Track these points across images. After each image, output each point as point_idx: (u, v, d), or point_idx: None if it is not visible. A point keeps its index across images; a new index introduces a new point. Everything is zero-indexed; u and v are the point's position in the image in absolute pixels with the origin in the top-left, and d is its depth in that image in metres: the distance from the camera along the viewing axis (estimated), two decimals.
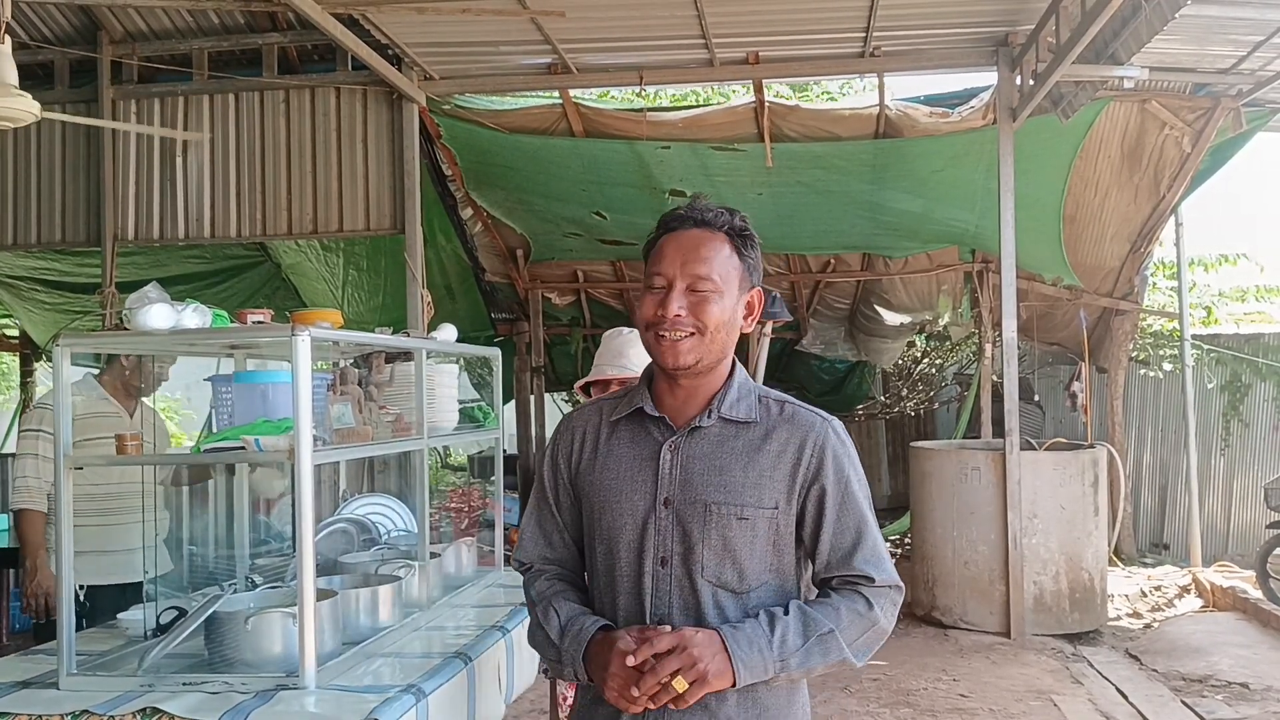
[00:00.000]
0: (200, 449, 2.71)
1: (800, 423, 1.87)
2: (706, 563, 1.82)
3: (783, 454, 1.84)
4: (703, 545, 1.82)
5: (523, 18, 6.38)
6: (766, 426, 1.87)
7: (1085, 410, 9.72)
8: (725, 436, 1.86)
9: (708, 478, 1.83)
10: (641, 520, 1.86)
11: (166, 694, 2.60)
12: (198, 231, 7.33)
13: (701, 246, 1.84)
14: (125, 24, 7.22)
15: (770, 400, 1.91)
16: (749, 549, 1.82)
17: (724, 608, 1.82)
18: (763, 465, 1.84)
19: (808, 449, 1.85)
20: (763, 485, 1.83)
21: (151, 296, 2.70)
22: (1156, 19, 5.21)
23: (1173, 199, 8.73)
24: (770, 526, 1.83)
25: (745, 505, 1.82)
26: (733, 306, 1.86)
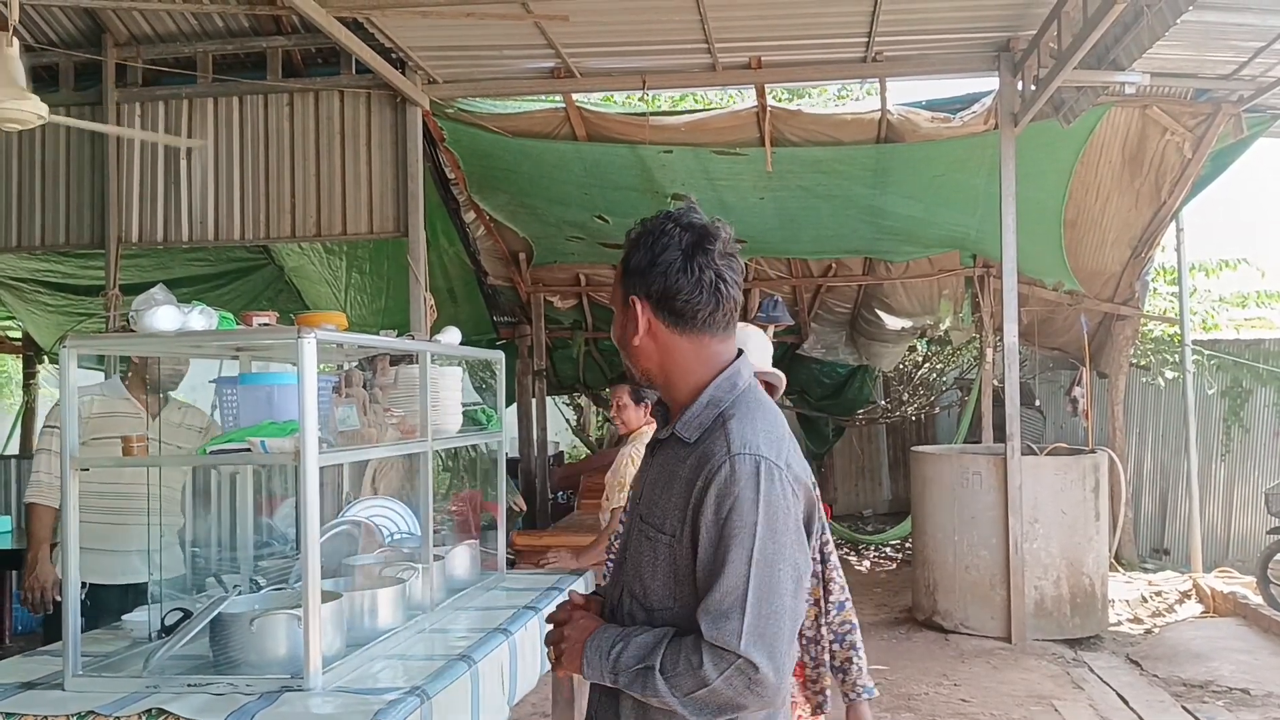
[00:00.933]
0: (205, 451, 2.72)
1: (709, 449, 1.73)
2: (627, 571, 1.86)
3: (690, 480, 1.74)
4: (626, 554, 1.88)
5: (526, 22, 6.41)
6: (694, 448, 1.77)
7: (1086, 415, 9.71)
8: (671, 455, 1.82)
9: (648, 491, 1.85)
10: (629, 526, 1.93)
11: (171, 695, 2.61)
12: (201, 234, 7.35)
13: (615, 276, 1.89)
14: (130, 27, 7.24)
15: (721, 418, 1.77)
16: (651, 571, 1.79)
17: (636, 618, 1.82)
18: (674, 489, 1.78)
19: (701, 478, 1.71)
20: (667, 510, 1.77)
21: (158, 299, 2.71)
22: (1158, 25, 5.23)
23: (1174, 204, 8.75)
24: (668, 554, 1.76)
25: (649, 527, 1.81)
26: (620, 324, 1.86)
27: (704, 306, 1.79)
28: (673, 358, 1.82)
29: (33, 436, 12.11)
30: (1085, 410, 9.73)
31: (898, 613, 8.19)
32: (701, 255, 1.78)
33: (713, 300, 1.79)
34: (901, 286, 10.69)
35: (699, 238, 1.78)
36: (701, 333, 1.81)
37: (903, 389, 13.84)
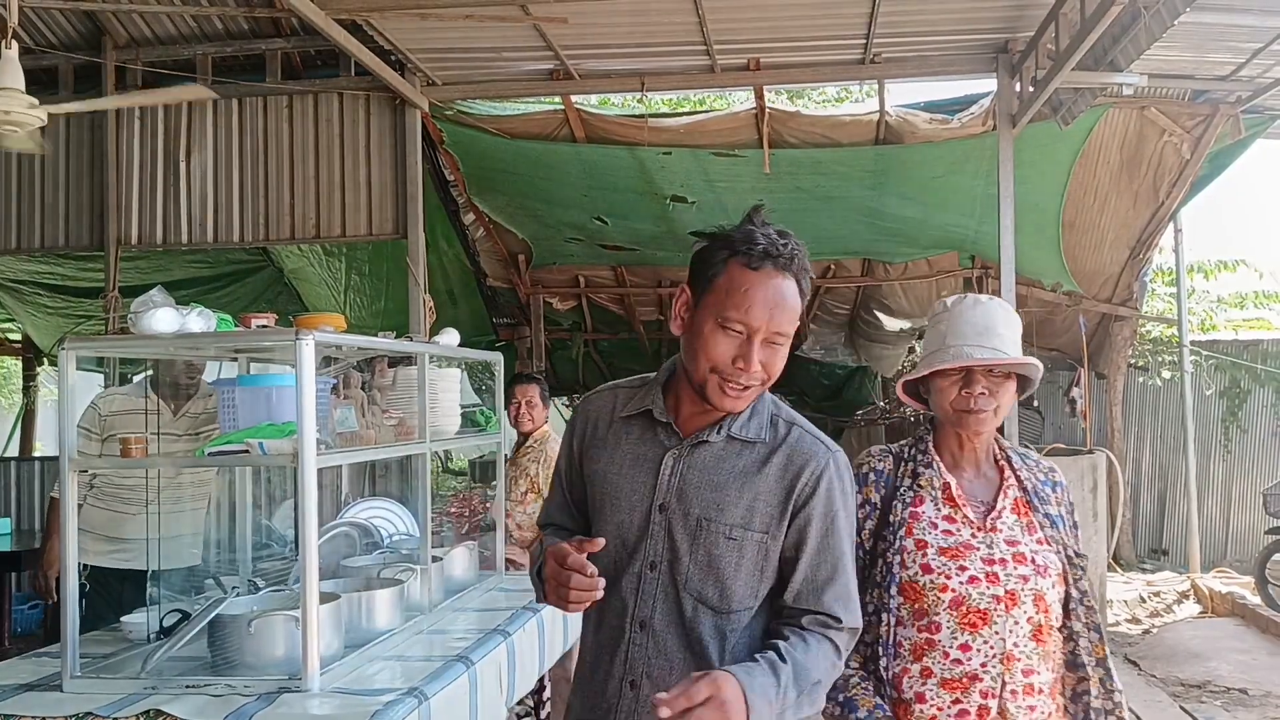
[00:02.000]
0: (204, 452, 2.73)
1: (803, 450, 1.86)
2: (691, 576, 1.82)
3: (781, 479, 1.83)
4: (689, 559, 1.82)
5: (525, 24, 6.41)
6: (770, 448, 1.85)
7: (1084, 416, 9.73)
8: (728, 454, 1.85)
9: (703, 492, 1.83)
10: (638, 521, 1.86)
11: (170, 696, 2.62)
12: (201, 236, 7.35)
13: (787, 298, 1.79)
14: (129, 29, 7.25)
15: (780, 421, 1.89)
16: (734, 571, 1.81)
17: (701, 624, 1.81)
18: (759, 488, 1.83)
19: (804, 477, 1.83)
20: (755, 508, 1.82)
21: (156, 300, 2.72)
22: (1155, 26, 5.23)
23: (1172, 205, 8.77)
24: (759, 551, 1.82)
25: (734, 526, 1.81)
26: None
27: None
28: None
29: (33, 439, 12.13)
30: (1083, 411, 9.75)
31: None
32: None
33: None
34: (900, 288, 10.70)
35: None
36: None
37: None
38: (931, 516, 2.15)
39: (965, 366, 2.12)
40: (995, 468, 2.24)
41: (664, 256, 10.55)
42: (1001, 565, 2.09)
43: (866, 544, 2.17)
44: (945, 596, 2.07)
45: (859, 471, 2.22)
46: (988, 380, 2.12)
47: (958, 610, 2.07)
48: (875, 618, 2.12)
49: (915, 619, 2.10)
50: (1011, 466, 2.24)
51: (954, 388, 2.13)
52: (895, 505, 2.17)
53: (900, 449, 2.29)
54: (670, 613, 1.83)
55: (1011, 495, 2.19)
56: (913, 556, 2.11)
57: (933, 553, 2.10)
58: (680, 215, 8.80)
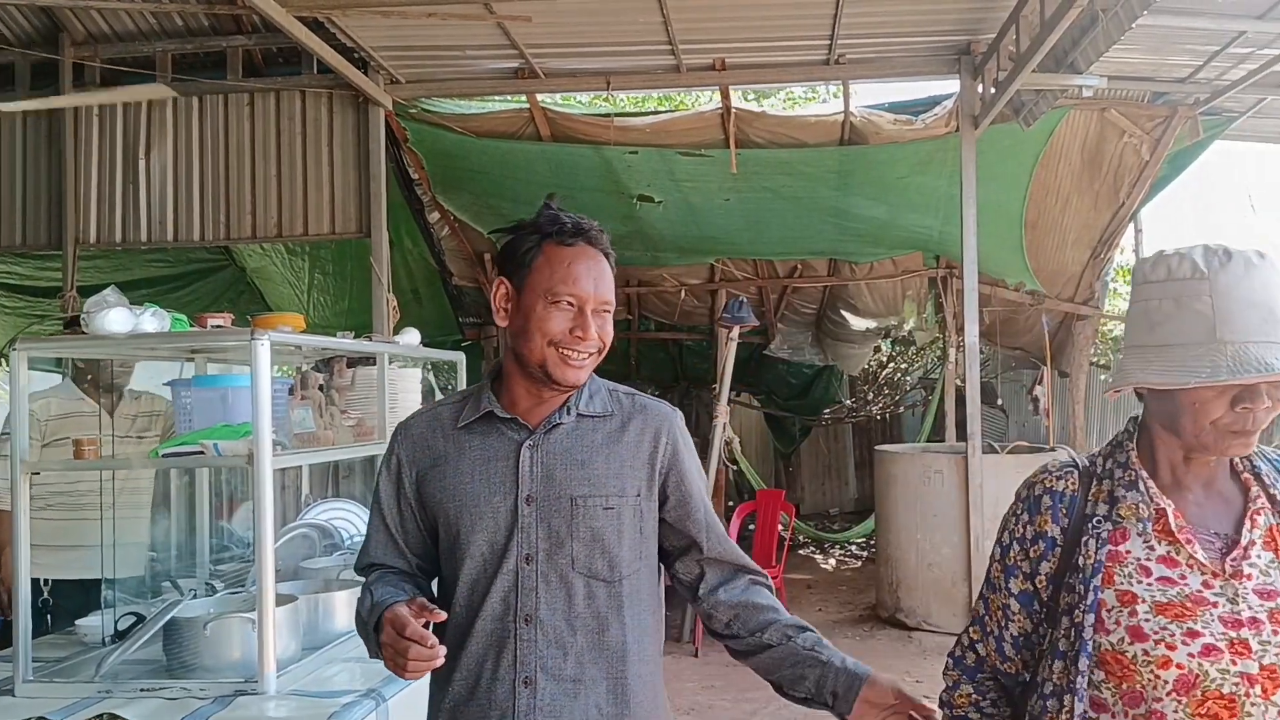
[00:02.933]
0: (158, 454, 2.70)
1: (654, 414, 1.96)
2: (577, 555, 1.83)
3: (640, 443, 1.91)
4: (571, 539, 1.83)
5: (489, 22, 6.39)
6: (622, 418, 1.93)
7: (1048, 414, 9.83)
8: (583, 431, 1.90)
9: (570, 472, 1.86)
10: (504, 520, 1.84)
11: (124, 700, 2.59)
12: (160, 235, 7.27)
13: (605, 271, 1.91)
14: (88, 25, 7.15)
15: (620, 393, 1.99)
16: (618, 538, 1.86)
17: (595, 598, 1.84)
18: (623, 455, 1.90)
19: (663, 438, 1.93)
20: (624, 474, 1.88)
21: (110, 300, 2.69)
22: (1114, 29, 5.29)
23: (1132, 205, 8.87)
24: (635, 514, 1.88)
25: (610, 495, 1.86)
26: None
27: None
28: None
29: None
30: (1047, 409, 9.85)
31: (862, 610, 8.24)
32: None
33: None
34: (866, 287, 10.76)
35: None
36: None
37: (868, 389, 13.94)
38: (1141, 558, 1.55)
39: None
40: (1236, 481, 1.62)
41: (631, 256, 10.54)
42: (1253, 628, 1.47)
43: (1044, 593, 1.64)
44: (1168, 675, 1.47)
45: (1031, 494, 1.69)
46: (1274, 389, 1.49)
47: (1187, 696, 1.46)
48: (1055, 702, 1.57)
49: (1124, 706, 1.51)
50: (1260, 479, 1.61)
51: (1223, 402, 1.49)
52: (1086, 543, 1.58)
53: (1092, 462, 1.69)
54: (557, 600, 1.82)
55: (1264, 523, 1.56)
56: (1116, 615, 1.52)
57: (1146, 610, 1.50)
58: (647, 215, 8.80)
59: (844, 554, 11.31)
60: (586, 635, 1.83)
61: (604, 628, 1.84)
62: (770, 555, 7.24)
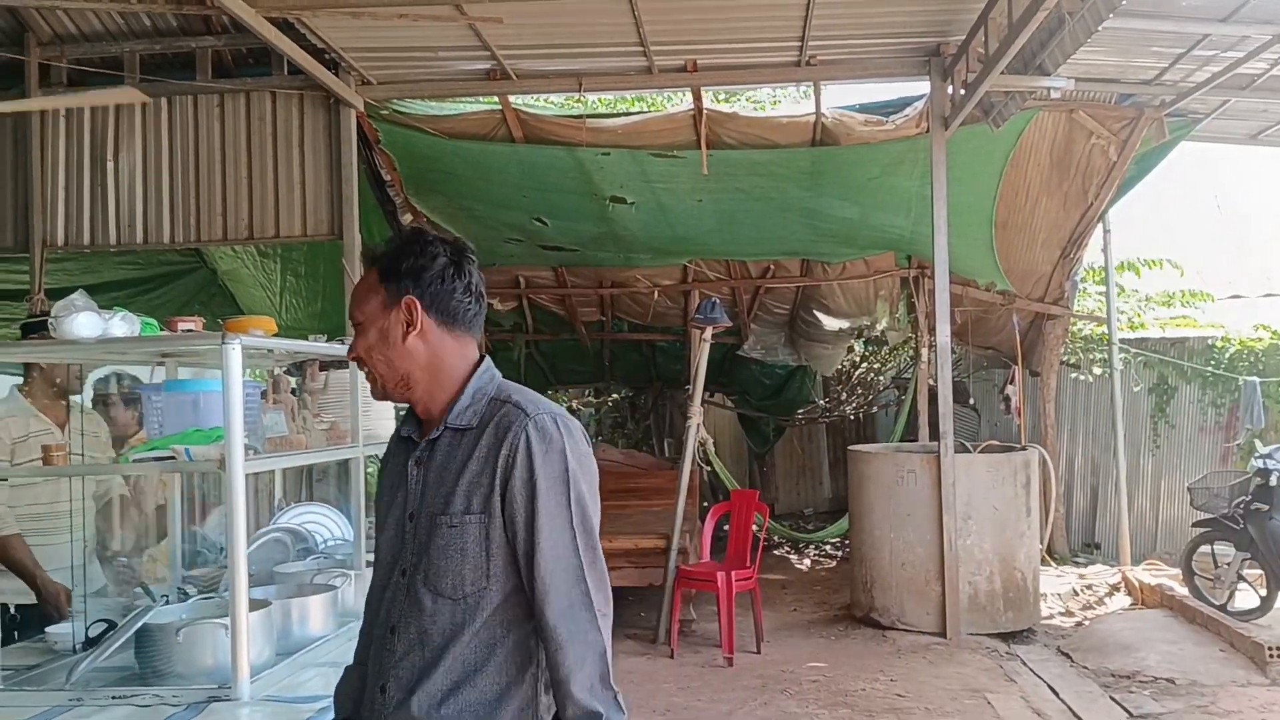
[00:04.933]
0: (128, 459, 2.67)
1: (505, 421, 1.85)
2: (429, 572, 1.86)
3: (487, 456, 1.84)
4: (428, 555, 1.86)
5: (460, 23, 6.37)
6: (480, 430, 1.88)
7: (1019, 413, 9.92)
8: (452, 447, 1.89)
9: (434, 490, 1.88)
10: (396, 535, 1.92)
11: (95, 708, 2.57)
12: (130, 237, 7.20)
13: (358, 288, 1.95)
14: (54, 26, 7.07)
15: (497, 401, 1.90)
16: (460, 556, 1.83)
17: (439, 616, 1.84)
18: (472, 470, 1.85)
19: (505, 448, 1.83)
20: (471, 491, 1.84)
21: (78, 304, 2.66)
22: (1081, 31, 5.35)
23: (1100, 206, 8.97)
24: (480, 531, 1.83)
25: (455, 513, 1.84)
26: (379, 330, 1.91)
27: (471, 308, 1.98)
28: (440, 357, 1.93)
29: None
30: (1018, 408, 9.94)
31: (836, 610, 8.28)
32: (467, 263, 1.99)
33: (477, 304, 2.00)
34: (839, 288, 10.82)
35: (459, 249, 1.99)
36: (465, 333, 1.97)
37: (841, 389, 14.01)
38: None
39: None
40: None
41: (604, 257, 10.55)
42: None
43: None
44: None
45: None
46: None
47: None
48: None
49: None
50: None
51: None
52: None
53: None
54: (411, 612, 1.87)
55: None
56: None
57: None
58: (620, 216, 8.81)
59: (819, 554, 11.36)
60: (429, 650, 1.85)
61: (446, 644, 1.84)
62: (745, 556, 7.26)
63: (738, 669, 6.61)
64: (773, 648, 7.08)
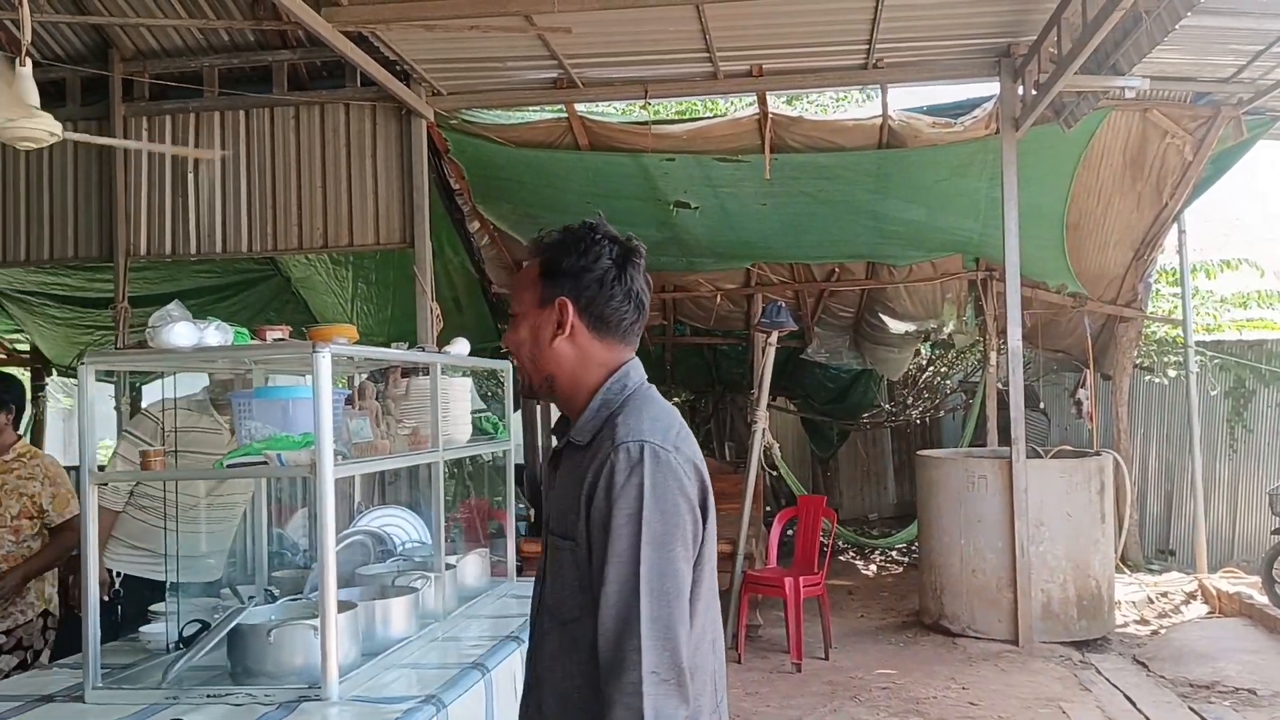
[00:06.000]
0: (222, 465, 2.76)
1: (599, 445, 1.74)
2: (545, 589, 1.85)
3: (582, 478, 1.73)
4: (547, 572, 1.85)
5: (530, 34, 6.45)
6: (586, 449, 1.78)
7: (1090, 417, 9.75)
8: (569, 462, 1.83)
9: (553, 505, 1.85)
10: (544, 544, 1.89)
11: (191, 706, 2.65)
12: (209, 246, 7.40)
13: (519, 278, 1.91)
14: (137, 42, 7.29)
15: (611, 418, 1.78)
16: (560, 579, 1.79)
17: (549, 632, 1.81)
18: (571, 493, 1.76)
19: (589, 475, 1.72)
20: (565, 515, 1.77)
21: (174, 315, 2.75)
22: (1157, 30, 5.26)
23: (1175, 206, 8.79)
24: (573, 560, 1.75)
25: (556, 538, 1.80)
26: (531, 327, 1.85)
27: (628, 316, 1.85)
28: (586, 364, 1.84)
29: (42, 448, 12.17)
30: (1089, 412, 9.77)
31: (905, 616, 8.21)
32: (631, 267, 1.86)
33: (635, 311, 1.86)
34: (904, 290, 10.72)
35: (627, 251, 1.86)
36: (617, 341, 1.86)
37: (907, 392, 13.87)
38: None
39: None
40: None
41: (667, 262, 10.56)
42: None
43: None
44: None
45: None
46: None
47: None
48: None
49: None
50: None
51: None
52: None
53: None
54: (535, 630, 1.88)
55: None
56: None
57: None
58: (683, 220, 8.83)
59: (885, 559, 11.27)
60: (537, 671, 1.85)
61: (554, 665, 1.80)
62: (813, 562, 7.23)
63: (806, 675, 6.59)
64: (841, 654, 7.05)
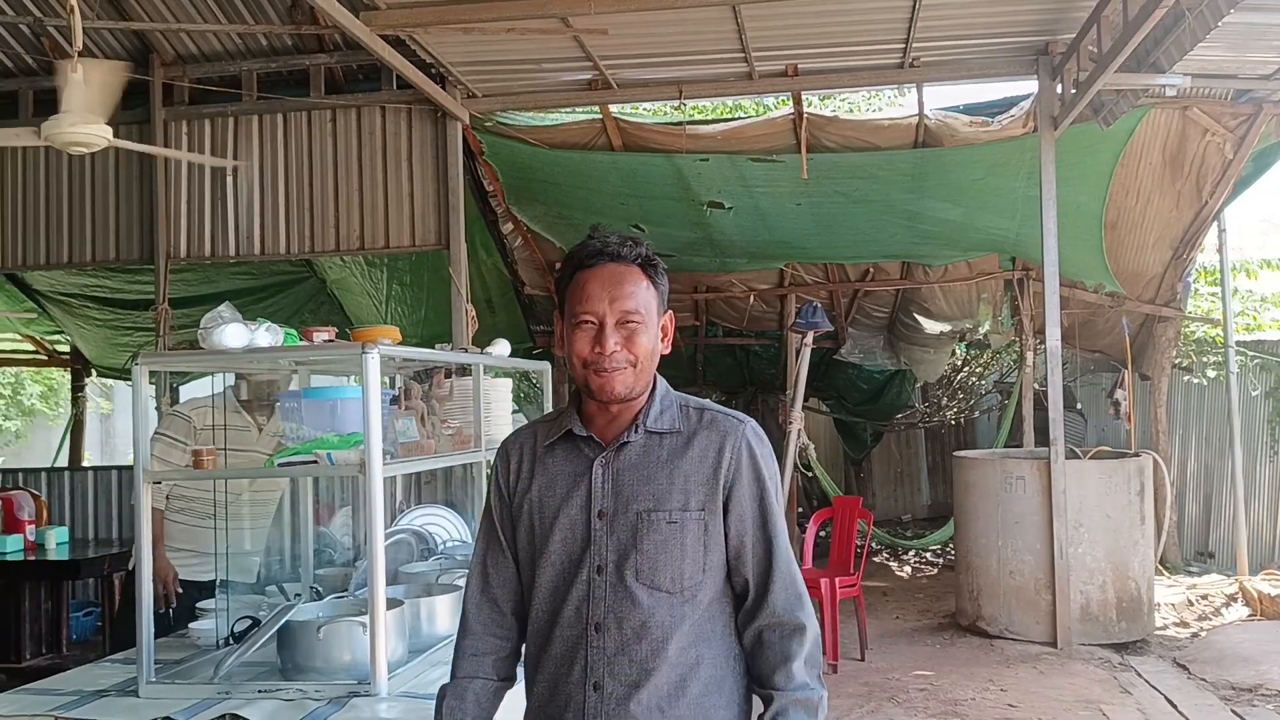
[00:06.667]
0: (273, 463, 2.80)
1: (720, 427, 1.98)
2: (641, 568, 1.91)
3: (704, 457, 1.95)
4: (637, 552, 1.91)
5: (565, 35, 6.48)
6: (689, 433, 1.98)
7: (1129, 418, 9.65)
8: (650, 447, 1.97)
9: (636, 488, 1.94)
10: (579, 533, 1.94)
11: (243, 701, 2.69)
12: (248, 249, 7.48)
13: (624, 282, 1.93)
14: (177, 47, 7.39)
15: (690, 408, 2.02)
16: (680, 551, 1.91)
17: (658, 609, 1.90)
18: (687, 470, 1.94)
19: (728, 452, 1.95)
20: (689, 489, 1.93)
21: (225, 316, 2.79)
22: (1199, 27, 5.21)
23: (1215, 205, 8.69)
24: (699, 528, 1.93)
25: (674, 510, 1.92)
26: (655, 335, 1.97)
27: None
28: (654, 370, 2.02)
29: (82, 449, 12.34)
30: (1128, 413, 9.66)
31: (941, 618, 8.17)
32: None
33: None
34: (940, 290, 10.66)
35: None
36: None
37: (942, 393, 13.78)
38: None
39: None
40: None
41: (700, 262, 10.57)
42: None
43: None
44: None
45: None
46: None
47: None
48: None
49: None
50: None
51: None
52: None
53: None
54: (623, 610, 1.91)
55: None
56: None
57: None
58: (716, 221, 8.84)
59: (919, 561, 11.21)
60: (650, 644, 1.90)
61: (667, 637, 1.90)
62: (848, 563, 7.21)
63: (842, 676, 6.57)
64: (877, 655, 7.02)
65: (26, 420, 18.11)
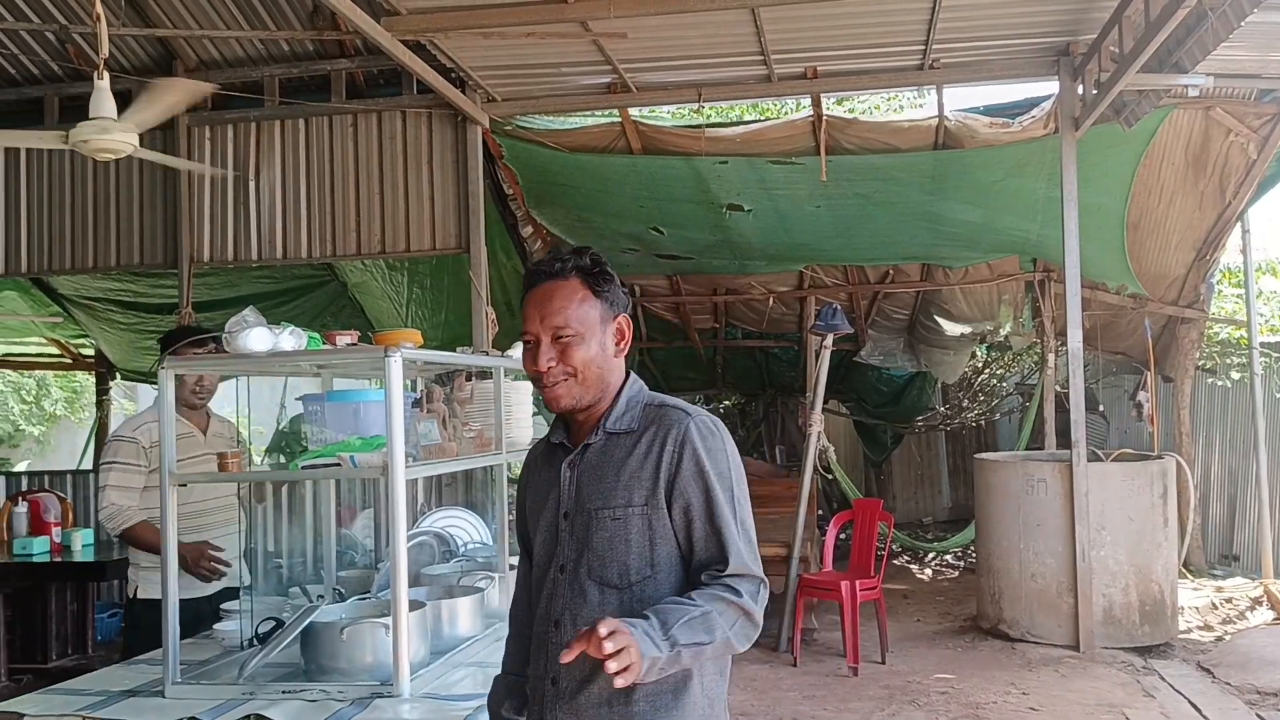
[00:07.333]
0: (297, 465, 2.82)
1: (664, 422, 2.01)
2: (592, 564, 1.98)
3: (649, 453, 1.99)
4: (588, 550, 1.99)
5: (585, 39, 6.50)
6: (640, 431, 2.02)
7: (1151, 420, 9.59)
8: (609, 448, 2.03)
9: (591, 487, 2.01)
10: (552, 535, 2.05)
11: (267, 701, 2.71)
12: (270, 253, 7.54)
13: (554, 298, 1.99)
14: (199, 53, 7.46)
15: (653, 406, 2.06)
16: (625, 546, 1.96)
17: (606, 605, 1.95)
18: (632, 466, 1.99)
19: (669, 445, 1.98)
20: (632, 485, 1.98)
21: (249, 320, 2.82)
22: (1222, 27, 5.18)
23: (1239, 206, 8.63)
24: (642, 521, 1.96)
25: (617, 506, 1.98)
26: (599, 343, 2.02)
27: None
28: (619, 369, 2.09)
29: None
30: (1150, 415, 9.60)
31: (962, 621, 8.14)
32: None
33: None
34: (960, 292, 10.62)
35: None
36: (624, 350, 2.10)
37: (962, 395, 13.73)
38: None
39: None
40: None
41: (719, 265, 10.58)
42: None
43: None
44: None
45: None
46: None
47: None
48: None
49: None
50: None
51: None
52: None
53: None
54: (578, 606, 1.98)
55: None
56: None
57: None
58: (736, 223, 8.84)
59: (940, 563, 11.16)
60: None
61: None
62: (869, 565, 7.19)
63: (862, 679, 6.56)
64: (898, 658, 7.01)
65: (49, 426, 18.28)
